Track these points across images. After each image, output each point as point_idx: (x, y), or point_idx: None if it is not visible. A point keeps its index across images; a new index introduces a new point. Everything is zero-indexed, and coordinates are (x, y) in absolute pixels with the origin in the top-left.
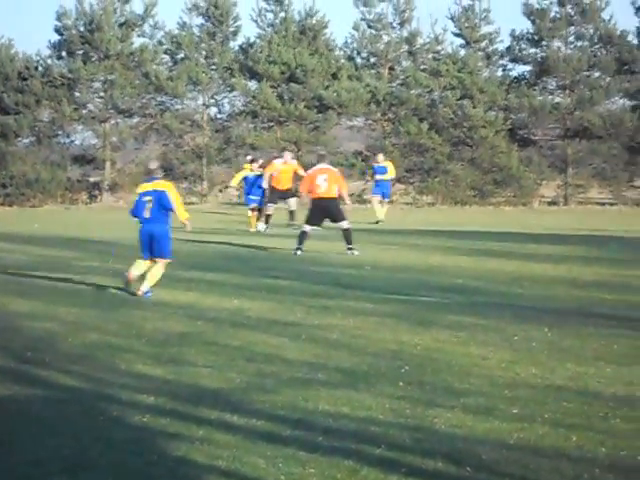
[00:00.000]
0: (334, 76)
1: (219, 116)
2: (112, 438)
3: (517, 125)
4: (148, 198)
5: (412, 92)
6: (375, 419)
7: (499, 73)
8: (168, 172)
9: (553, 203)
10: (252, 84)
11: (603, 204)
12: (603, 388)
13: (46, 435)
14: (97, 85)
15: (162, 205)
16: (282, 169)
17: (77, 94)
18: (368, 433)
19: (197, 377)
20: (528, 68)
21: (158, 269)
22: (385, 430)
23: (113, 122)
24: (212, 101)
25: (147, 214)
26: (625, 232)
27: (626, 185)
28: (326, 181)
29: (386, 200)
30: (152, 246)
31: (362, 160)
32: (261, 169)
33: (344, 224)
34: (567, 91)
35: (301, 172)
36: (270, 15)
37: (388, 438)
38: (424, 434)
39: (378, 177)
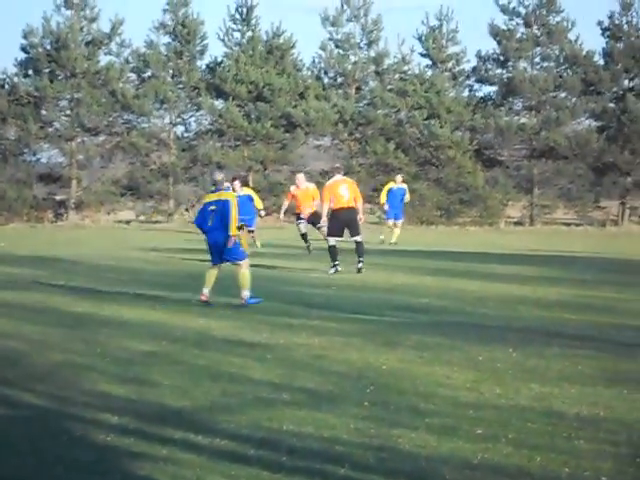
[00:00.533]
0: (301, 95)
1: (186, 135)
2: (76, 458)
3: (483, 145)
4: (212, 207)
5: (379, 112)
6: (339, 439)
7: (465, 93)
8: (134, 191)
9: (519, 223)
10: (219, 103)
11: (569, 224)
12: (567, 408)
13: (9, 454)
14: (63, 103)
15: (225, 215)
16: (298, 195)
17: (43, 112)
18: (332, 453)
19: (161, 396)
20: (494, 88)
21: (244, 273)
22: (349, 450)
23: (79, 140)
24: (179, 120)
25: (210, 222)
26: (590, 253)
27: (592, 206)
28: (347, 191)
29: (400, 222)
30: (222, 253)
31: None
32: (246, 188)
33: (359, 237)
34: (533, 111)
35: (317, 199)
36: (237, 34)
37: (352, 458)
38: (388, 454)
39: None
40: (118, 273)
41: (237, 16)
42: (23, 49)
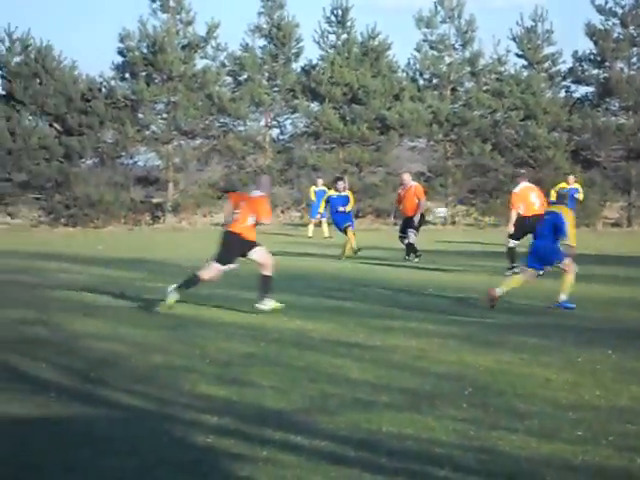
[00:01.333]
0: (396, 97)
1: (281, 137)
2: (176, 459)
3: (580, 146)
4: (546, 217)
5: (475, 113)
6: (439, 440)
7: (562, 94)
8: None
9: (616, 225)
10: (314, 105)
11: None
12: None
13: (109, 455)
14: (160, 106)
15: (555, 226)
16: (403, 195)
17: (140, 115)
18: (432, 455)
19: (261, 398)
20: (591, 89)
21: (569, 277)
22: (449, 451)
23: (176, 143)
24: (274, 122)
25: (540, 229)
26: None
27: None
28: (537, 198)
29: None
30: (544, 260)
31: (425, 181)
32: (346, 190)
33: None
34: (630, 112)
35: (420, 197)
36: (332, 37)
37: (452, 459)
38: (488, 456)
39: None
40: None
41: (332, 18)
42: (120, 53)
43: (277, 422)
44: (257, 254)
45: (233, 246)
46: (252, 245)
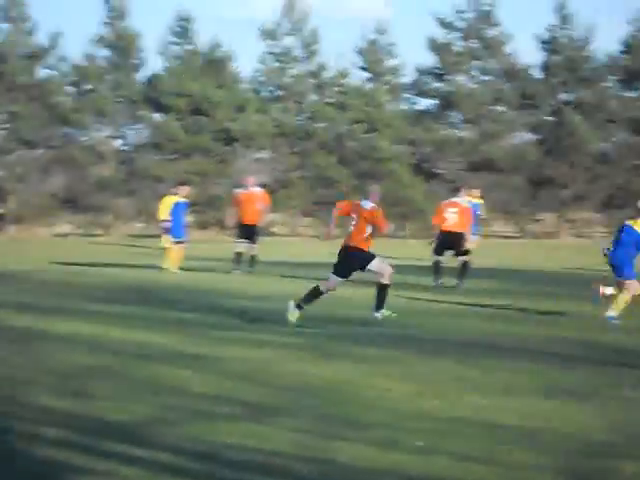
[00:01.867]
0: (241, 109)
1: (124, 148)
2: (15, 471)
3: (422, 158)
4: (626, 230)
5: (319, 125)
6: (280, 452)
7: (405, 107)
8: (72, 204)
9: None
10: (158, 116)
11: (507, 237)
12: (506, 421)
13: None
14: (1, 117)
15: (623, 241)
16: (244, 199)
17: None
18: (273, 466)
19: (102, 410)
20: (433, 102)
21: (623, 296)
22: (290, 463)
23: (17, 153)
24: (117, 133)
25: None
26: (529, 265)
27: (529, 219)
28: (456, 214)
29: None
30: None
31: (269, 193)
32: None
33: (464, 258)
34: (471, 125)
35: (264, 203)
36: (176, 47)
37: (293, 471)
38: (329, 467)
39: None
40: (56, 286)
41: (176, 29)
42: None
43: (118, 435)
44: (375, 265)
45: (353, 260)
46: (370, 257)
